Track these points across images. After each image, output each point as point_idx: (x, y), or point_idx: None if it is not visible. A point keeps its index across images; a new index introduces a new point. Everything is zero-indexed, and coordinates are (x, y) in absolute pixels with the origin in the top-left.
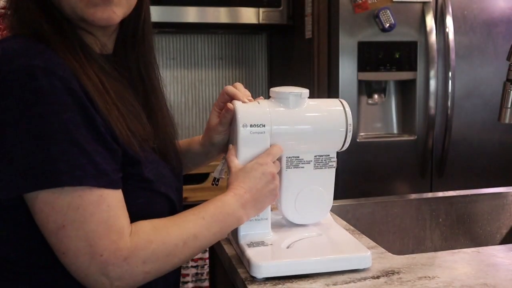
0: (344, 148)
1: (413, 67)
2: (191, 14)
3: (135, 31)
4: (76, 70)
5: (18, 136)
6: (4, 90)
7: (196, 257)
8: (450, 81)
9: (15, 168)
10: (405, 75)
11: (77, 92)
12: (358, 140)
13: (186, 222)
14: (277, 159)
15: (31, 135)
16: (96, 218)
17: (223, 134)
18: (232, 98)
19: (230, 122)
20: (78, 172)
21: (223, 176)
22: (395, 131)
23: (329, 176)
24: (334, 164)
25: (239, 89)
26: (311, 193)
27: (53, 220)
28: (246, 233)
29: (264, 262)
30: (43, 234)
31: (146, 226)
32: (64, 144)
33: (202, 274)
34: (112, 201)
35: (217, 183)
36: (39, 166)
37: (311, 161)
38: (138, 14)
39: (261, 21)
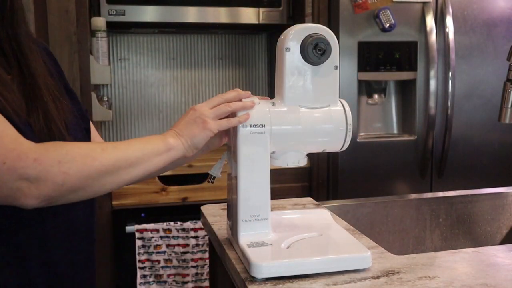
0: (344, 148)
1: (413, 67)
2: (191, 14)
3: (2, 13)
4: None
5: None
6: None
7: (196, 257)
8: (450, 81)
9: None
10: (405, 75)
11: None
12: (358, 140)
13: (104, 144)
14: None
15: None
16: None
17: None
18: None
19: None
20: None
21: (220, 175)
22: (395, 131)
23: None
24: None
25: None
26: None
27: None
28: (246, 233)
29: (264, 262)
30: None
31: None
32: None
33: (202, 274)
34: None
35: (212, 180)
36: None
37: None
38: None
39: (261, 21)
